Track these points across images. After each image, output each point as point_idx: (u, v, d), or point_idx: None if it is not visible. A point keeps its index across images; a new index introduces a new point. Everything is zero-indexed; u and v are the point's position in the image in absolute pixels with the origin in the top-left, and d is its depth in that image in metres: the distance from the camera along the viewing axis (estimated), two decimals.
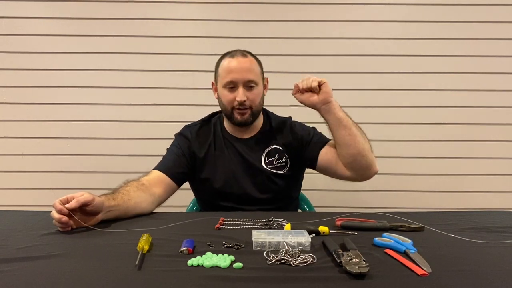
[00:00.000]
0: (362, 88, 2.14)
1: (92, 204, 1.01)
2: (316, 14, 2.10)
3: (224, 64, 1.32)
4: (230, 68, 1.30)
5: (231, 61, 1.31)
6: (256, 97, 1.33)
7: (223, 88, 1.32)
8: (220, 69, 1.34)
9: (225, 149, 1.39)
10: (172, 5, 2.09)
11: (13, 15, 2.07)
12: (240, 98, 1.28)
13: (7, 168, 2.15)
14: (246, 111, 1.32)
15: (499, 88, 2.13)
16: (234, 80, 1.29)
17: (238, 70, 1.29)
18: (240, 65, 1.30)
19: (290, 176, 1.39)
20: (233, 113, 1.33)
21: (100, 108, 2.13)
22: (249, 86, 1.31)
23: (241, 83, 1.29)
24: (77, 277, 0.73)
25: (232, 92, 1.31)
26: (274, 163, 1.37)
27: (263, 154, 1.38)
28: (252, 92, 1.31)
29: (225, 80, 1.30)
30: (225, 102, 1.33)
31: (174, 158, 1.36)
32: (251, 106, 1.32)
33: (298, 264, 0.78)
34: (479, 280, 0.72)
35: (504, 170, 2.18)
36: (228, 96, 1.31)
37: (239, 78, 1.29)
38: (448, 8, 2.10)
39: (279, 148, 1.39)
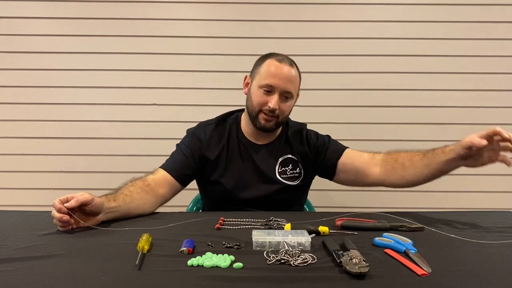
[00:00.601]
0: (362, 88, 2.14)
1: (91, 204, 1.01)
2: (316, 14, 2.10)
3: (269, 66, 1.27)
4: (274, 72, 1.25)
5: (278, 66, 1.26)
6: (287, 109, 1.31)
7: (259, 88, 1.27)
8: (262, 69, 1.28)
9: (238, 154, 1.35)
10: (172, 5, 2.09)
11: (13, 15, 2.07)
12: (273, 105, 1.24)
13: (7, 168, 2.15)
14: (272, 118, 1.28)
15: (499, 88, 2.13)
16: (273, 85, 1.25)
17: (281, 77, 1.25)
18: (284, 73, 1.25)
19: (301, 186, 1.38)
20: (258, 116, 1.29)
21: (100, 108, 2.13)
22: (284, 97, 1.28)
23: (279, 91, 1.25)
24: (77, 277, 0.73)
25: (266, 96, 1.26)
26: (287, 173, 1.35)
27: (277, 163, 1.35)
28: (285, 104, 1.29)
29: (264, 81, 1.26)
30: (255, 103, 1.28)
31: (182, 159, 1.33)
32: (278, 115, 1.28)
33: (298, 264, 0.78)
34: (479, 280, 0.72)
35: (504, 170, 2.14)
36: (261, 97, 1.27)
37: (279, 85, 1.25)
38: (448, 8, 2.10)
39: (293, 158, 1.37)
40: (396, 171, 1.26)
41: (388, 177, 1.28)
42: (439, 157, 1.16)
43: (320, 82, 2.12)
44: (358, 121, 2.15)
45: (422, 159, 1.20)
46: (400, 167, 1.25)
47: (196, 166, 1.34)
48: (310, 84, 2.11)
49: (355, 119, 2.15)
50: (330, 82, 2.13)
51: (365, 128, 2.15)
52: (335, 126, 2.13)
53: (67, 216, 0.97)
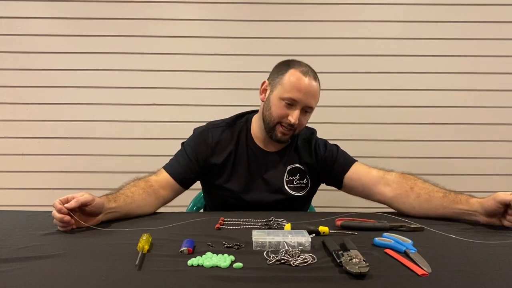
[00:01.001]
0: (362, 88, 2.14)
1: (92, 204, 1.01)
2: (316, 14, 2.10)
3: (294, 78, 1.22)
4: (299, 87, 1.20)
5: (302, 79, 1.21)
6: (305, 122, 1.29)
7: (280, 99, 1.22)
8: (286, 80, 1.23)
9: (246, 159, 1.32)
10: (172, 5, 2.09)
11: (13, 15, 2.07)
12: (293, 120, 1.21)
13: (7, 168, 2.15)
14: (290, 132, 1.25)
15: (499, 88, 2.13)
16: (297, 100, 1.21)
17: (306, 92, 1.21)
18: (309, 88, 1.22)
19: (307, 197, 1.37)
20: (275, 128, 1.25)
21: (100, 108, 2.13)
22: (305, 111, 1.25)
23: (302, 105, 1.22)
24: (77, 277, 0.73)
25: (288, 109, 1.22)
26: (294, 183, 1.32)
27: (285, 171, 1.33)
28: (305, 117, 1.27)
29: (287, 94, 1.21)
30: (275, 114, 1.24)
31: (186, 162, 1.30)
32: (295, 129, 1.26)
33: (298, 264, 0.78)
34: (479, 280, 0.72)
35: (504, 170, 2.18)
36: (282, 110, 1.22)
37: (303, 100, 1.21)
38: (448, 8, 2.10)
39: (301, 168, 1.35)
40: (408, 200, 1.19)
41: (397, 201, 1.22)
42: (461, 204, 1.10)
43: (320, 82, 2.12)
44: (358, 121, 2.15)
45: (442, 198, 1.14)
46: (415, 197, 1.18)
47: (200, 170, 1.32)
48: None
49: (355, 119, 2.15)
50: (331, 82, 2.12)
51: (365, 128, 2.15)
52: (335, 126, 2.13)
53: (67, 217, 0.97)
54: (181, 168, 1.29)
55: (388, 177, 1.27)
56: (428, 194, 1.16)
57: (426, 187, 1.19)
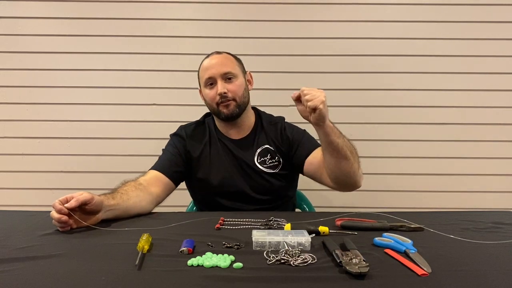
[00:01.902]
0: (362, 88, 2.14)
1: (91, 203, 1.01)
2: (316, 14, 2.10)
3: (202, 65, 1.37)
4: (207, 66, 1.34)
5: (207, 61, 1.36)
6: (238, 88, 1.34)
7: (205, 88, 1.36)
8: (200, 72, 1.39)
9: (220, 149, 1.40)
10: (172, 5, 2.09)
11: (13, 15, 2.07)
12: (220, 90, 1.31)
13: (7, 168, 2.15)
14: (229, 102, 1.33)
15: (499, 88, 2.13)
16: (211, 76, 1.33)
17: (213, 65, 1.33)
18: (214, 61, 1.34)
19: (284, 175, 1.40)
20: (219, 109, 1.34)
21: (100, 108, 2.13)
22: (227, 78, 1.33)
23: (219, 76, 1.32)
24: (77, 277, 0.73)
25: (212, 89, 1.34)
26: (267, 163, 1.38)
27: (255, 153, 1.39)
28: (233, 84, 1.34)
29: (204, 78, 1.35)
30: (209, 100, 1.36)
31: (170, 157, 1.37)
32: (234, 98, 1.33)
33: (298, 264, 0.78)
34: (479, 280, 0.72)
35: (504, 170, 2.18)
36: (210, 93, 1.34)
37: (215, 72, 1.32)
38: (448, 8, 2.10)
39: (270, 148, 1.40)
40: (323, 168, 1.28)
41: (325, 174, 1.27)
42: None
43: (320, 82, 2.12)
44: (358, 121, 2.15)
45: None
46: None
47: (184, 163, 1.38)
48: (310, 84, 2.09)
49: (355, 119, 2.15)
50: (330, 82, 2.13)
51: (365, 128, 2.15)
52: None
53: (65, 217, 0.97)
54: (167, 162, 1.35)
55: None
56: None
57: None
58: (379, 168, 2.15)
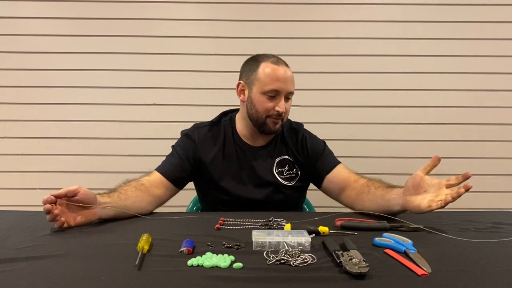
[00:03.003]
0: (362, 88, 2.14)
1: (80, 192, 1.01)
2: (316, 14, 2.10)
3: (269, 70, 1.24)
4: (277, 77, 1.24)
5: (277, 69, 1.24)
6: (290, 109, 1.32)
7: (262, 94, 1.25)
8: (261, 74, 1.25)
9: (235, 156, 1.34)
10: (172, 5, 2.09)
11: (13, 15, 2.07)
12: (282, 109, 1.25)
13: (7, 168, 2.15)
14: (279, 121, 1.29)
15: (499, 88, 2.13)
16: (279, 90, 1.24)
17: (285, 80, 1.24)
18: (286, 75, 1.25)
19: (299, 188, 1.38)
20: (266, 122, 1.28)
21: (100, 108, 2.13)
22: (287, 98, 1.28)
23: (284, 93, 1.26)
24: (77, 277, 0.73)
25: (271, 101, 1.25)
26: (284, 174, 1.35)
27: (274, 163, 1.35)
28: (289, 104, 1.30)
29: (268, 87, 1.24)
30: (261, 110, 1.26)
31: (176, 161, 1.32)
32: (284, 118, 1.30)
33: (298, 264, 0.78)
34: (479, 280, 0.72)
35: (504, 170, 2.18)
36: (268, 104, 1.25)
37: (284, 88, 1.25)
38: (448, 8, 2.10)
39: (289, 159, 1.37)
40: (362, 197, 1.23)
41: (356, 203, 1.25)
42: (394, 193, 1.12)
43: (320, 82, 2.12)
44: (358, 121, 2.15)
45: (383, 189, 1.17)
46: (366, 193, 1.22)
47: (192, 168, 1.33)
48: (310, 84, 2.11)
49: (355, 119, 2.15)
50: (330, 82, 2.13)
51: (365, 128, 2.15)
52: (335, 126, 2.13)
53: (49, 205, 0.98)
54: (173, 167, 1.31)
55: (360, 181, 1.27)
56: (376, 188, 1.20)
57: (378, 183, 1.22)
58: (379, 168, 2.15)
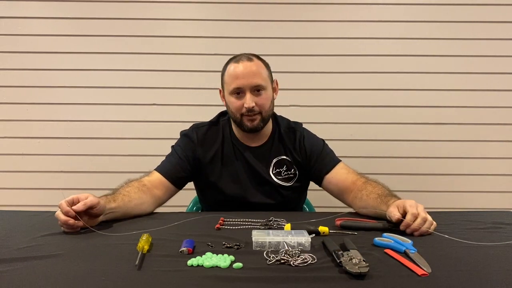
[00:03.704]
0: (362, 88, 2.13)
1: (97, 207, 1.01)
2: (316, 14, 2.10)
3: (230, 70, 1.27)
4: (236, 74, 1.24)
5: (237, 66, 1.25)
6: (265, 101, 1.27)
7: (230, 95, 1.27)
8: (226, 76, 1.29)
9: (233, 156, 1.34)
10: (172, 5, 2.09)
11: (13, 15, 2.07)
12: (248, 104, 1.23)
13: (7, 168, 2.15)
14: (255, 117, 1.27)
15: (499, 88, 2.13)
16: (240, 86, 1.24)
17: (244, 75, 1.24)
18: (245, 70, 1.24)
19: (298, 188, 1.37)
20: (242, 120, 1.28)
21: (100, 108, 2.13)
22: (256, 91, 1.25)
23: (248, 88, 1.24)
24: (77, 277, 0.73)
25: (239, 99, 1.26)
26: (282, 174, 1.34)
27: (271, 164, 1.35)
28: (261, 97, 1.26)
29: (231, 87, 1.26)
30: (233, 110, 1.28)
31: (176, 161, 1.32)
32: (260, 111, 1.27)
33: (298, 264, 0.78)
34: (479, 280, 0.72)
35: (504, 170, 2.18)
36: (236, 103, 1.26)
37: (245, 83, 1.24)
38: (448, 8, 2.10)
39: (287, 159, 1.36)
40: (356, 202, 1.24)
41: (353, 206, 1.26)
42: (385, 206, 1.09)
43: (320, 82, 2.12)
44: (358, 121, 2.15)
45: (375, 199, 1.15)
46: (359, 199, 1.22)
47: (191, 168, 1.34)
48: (310, 84, 2.11)
49: (355, 119, 2.15)
50: (330, 82, 2.13)
51: (365, 128, 2.15)
52: (335, 126, 2.13)
53: (72, 220, 0.97)
54: (173, 167, 1.31)
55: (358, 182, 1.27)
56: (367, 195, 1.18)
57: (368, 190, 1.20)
58: (379, 168, 2.15)
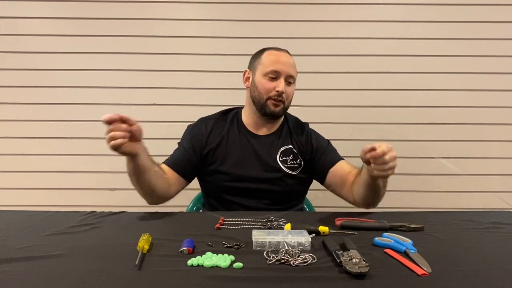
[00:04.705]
0: (362, 88, 2.13)
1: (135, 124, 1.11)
2: (316, 14, 2.10)
3: (271, 54, 1.34)
4: (278, 59, 1.32)
5: (279, 54, 1.34)
6: (291, 93, 1.36)
7: (264, 76, 1.33)
8: (264, 59, 1.35)
9: (238, 143, 1.38)
10: (172, 5, 2.09)
11: (13, 15, 2.07)
12: (280, 88, 1.30)
13: (7, 168, 2.15)
14: (280, 103, 1.33)
15: (499, 88, 2.13)
16: (279, 70, 1.31)
17: (285, 63, 1.32)
18: (287, 60, 1.34)
19: (302, 179, 1.39)
20: (267, 103, 1.33)
21: (100, 108, 2.12)
22: (288, 82, 1.33)
23: (284, 76, 1.32)
24: (77, 277, 0.73)
25: (272, 82, 1.32)
26: (288, 163, 1.37)
27: (278, 152, 1.38)
28: (290, 88, 1.34)
29: (269, 68, 1.31)
30: (262, 90, 1.33)
31: (184, 153, 1.36)
32: (284, 100, 1.33)
33: (298, 264, 0.78)
34: (479, 280, 0.72)
35: (504, 170, 2.18)
36: (268, 84, 1.32)
37: (284, 70, 1.31)
38: (448, 8, 2.10)
39: (294, 150, 1.40)
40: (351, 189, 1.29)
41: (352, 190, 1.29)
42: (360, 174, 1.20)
43: (320, 82, 2.12)
44: (358, 121, 2.15)
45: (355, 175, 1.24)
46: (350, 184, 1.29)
47: (198, 159, 1.37)
48: (310, 84, 2.11)
49: (355, 119, 2.15)
50: (330, 82, 2.13)
51: (365, 128, 2.15)
52: (335, 126, 2.13)
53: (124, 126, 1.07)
54: (180, 160, 1.35)
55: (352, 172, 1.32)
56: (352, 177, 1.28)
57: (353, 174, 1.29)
58: None
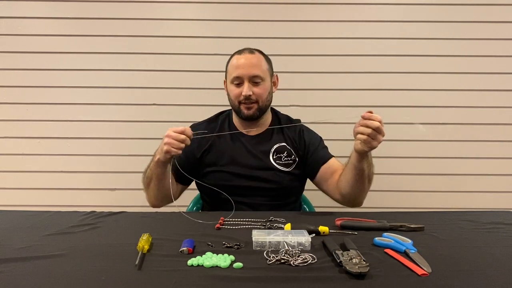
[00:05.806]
0: (362, 88, 2.13)
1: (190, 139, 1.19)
2: (316, 14, 2.10)
3: (233, 61, 1.38)
4: (237, 64, 1.35)
5: (239, 58, 1.37)
6: (263, 92, 1.36)
7: (231, 84, 1.38)
8: (229, 66, 1.40)
9: (230, 143, 1.41)
10: (172, 5, 2.09)
11: (13, 15, 2.07)
12: (245, 92, 1.33)
13: (7, 168, 2.15)
14: (252, 105, 1.35)
15: (499, 88, 2.13)
16: (239, 76, 1.34)
17: (244, 66, 1.34)
18: (246, 61, 1.35)
19: (296, 175, 1.40)
20: (240, 108, 1.37)
21: (100, 108, 2.13)
22: (254, 82, 1.35)
23: (247, 78, 1.34)
24: (77, 277, 0.73)
25: (238, 87, 1.35)
26: (282, 160, 1.39)
27: (271, 149, 1.40)
28: (259, 87, 1.35)
29: (232, 75, 1.36)
30: (232, 97, 1.38)
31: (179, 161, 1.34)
32: (257, 100, 1.35)
33: (298, 264, 0.78)
34: (479, 280, 0.72)
35: (504, 170, 2.18)
36: (235, 91, 1.36)
37: (244, 73, 1.34)
38: (448, 8, 2.10)
39: (287, 146, 1.41)
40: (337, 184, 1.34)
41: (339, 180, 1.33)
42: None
43: (320, 82, 2.12)
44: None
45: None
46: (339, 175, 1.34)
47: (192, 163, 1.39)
48: (310, 84, 2.11)
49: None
50: (331, 82, 2.12)
51: None
52: (335, 126, 2.12)
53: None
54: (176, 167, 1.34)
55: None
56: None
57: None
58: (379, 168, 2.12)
